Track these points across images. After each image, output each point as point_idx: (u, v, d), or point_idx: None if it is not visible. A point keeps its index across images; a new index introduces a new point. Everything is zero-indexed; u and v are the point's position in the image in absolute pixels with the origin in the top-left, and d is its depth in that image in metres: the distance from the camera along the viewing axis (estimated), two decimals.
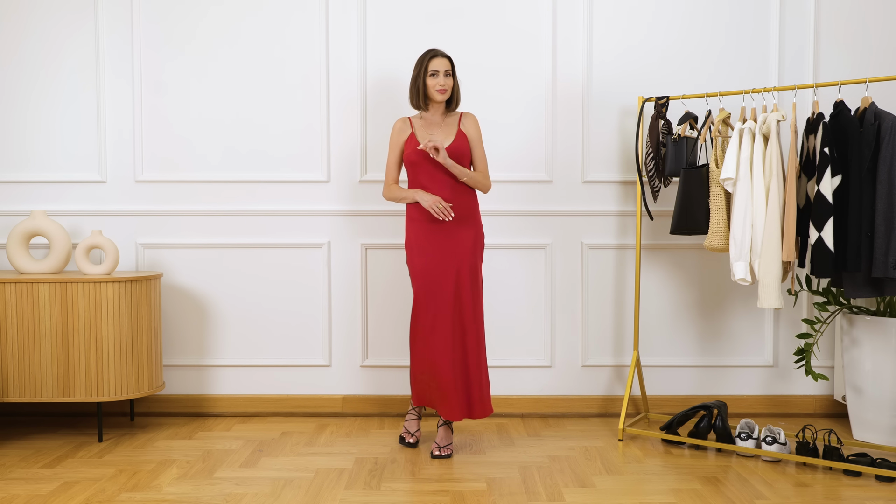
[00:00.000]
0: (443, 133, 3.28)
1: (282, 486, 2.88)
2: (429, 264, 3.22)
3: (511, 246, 3.86)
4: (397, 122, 3.33)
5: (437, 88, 3.21)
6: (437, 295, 3.21)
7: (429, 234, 3.23)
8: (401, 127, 3.31)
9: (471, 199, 3.29)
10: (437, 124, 3.30)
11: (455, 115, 3.34)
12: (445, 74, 3.22)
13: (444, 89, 3.22)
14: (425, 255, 3.23)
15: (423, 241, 3.23)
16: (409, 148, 3.27)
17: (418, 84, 3.24)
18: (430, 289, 3.21)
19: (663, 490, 2.85)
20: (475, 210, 3.30)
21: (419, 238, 3.24)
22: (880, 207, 2.98)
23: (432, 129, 3.29)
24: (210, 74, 3.84)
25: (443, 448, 3.24)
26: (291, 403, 3.89)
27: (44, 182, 3.85)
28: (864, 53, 3.79)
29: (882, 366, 3.32)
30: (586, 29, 3.82)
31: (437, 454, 3.22)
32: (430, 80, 3.22)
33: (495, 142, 3.83)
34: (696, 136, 3.41)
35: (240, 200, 3.86)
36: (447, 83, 3.22)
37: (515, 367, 3.89)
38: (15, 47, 3.83)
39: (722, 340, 3.88)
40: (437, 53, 3.23)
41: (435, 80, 3.21)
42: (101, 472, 3.06)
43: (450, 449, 3.25)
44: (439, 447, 3.25)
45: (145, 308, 3.54)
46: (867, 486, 2.88)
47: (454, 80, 3.26)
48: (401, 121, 3.33)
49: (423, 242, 3.24)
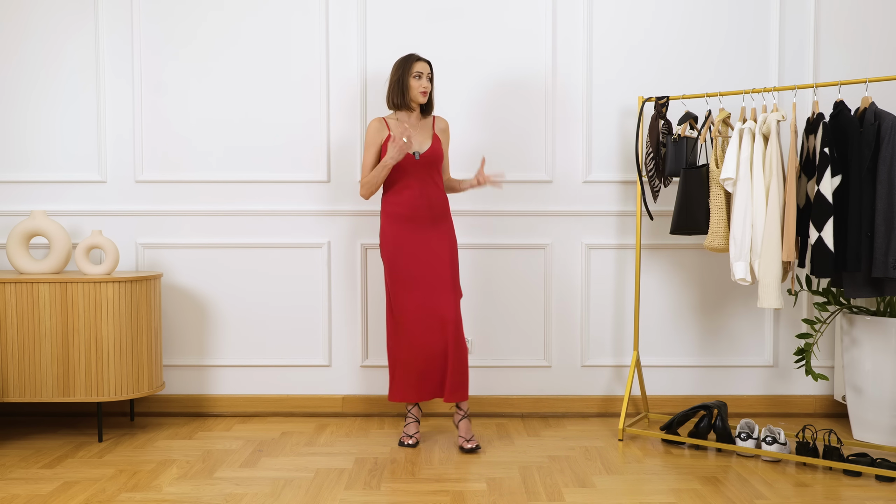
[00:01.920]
0: (420, 135, 3.37)
1: (282, 486, 2.88)
2: (407, 257, 3.31)
3: (511, 246, 3.86)
4: (373, 122, 3.37)
5: (421, 90, 3.31)
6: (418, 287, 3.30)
7: (406, 230, 3.33)
8: (378, 127, 3.36)
9: (444, 199, 3.41)
10: (413, 126, 3.38)
11: (428, 118, 3.43)
12: (428, 78, 3.33)
13: (427, 91, 3.33)
14: (403, 249, 3.32)
15: (400, 235, 3.33)
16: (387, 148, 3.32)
17: (402, 85, 3.32)
18: (411, 282, 3.31)
19: (663, 490, 2.85)
20: (448, 209, 3.43)
21: (395, 232, 3.34)
22: (880, 207, 2.98)
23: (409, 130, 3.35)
24: (210, 74, 3.84)
25: (469, 440, 3.32)
26: (291, 403, 3.89)
27: (44, 182, 3.86)
28: (864, 53, 3.79)
29: (882, 366, 3.32)
30: (586, 29, 3.82)
31: (468, 448, 3.29)
32: (413, 81, 3.31)
33: (495, 142, 3.83)
34: (696, 136, 3.41)
35: (240, 200, 3.86)
36: (429, 86, 3.33)
37: (515, 367, 3.89)
38: (15, 47, 3.83)
39: (722, 340, 3.88)
40: (420, 58, 3.34)
41: (419, 81, 3.31)
42: (101, 472, 3.06)
43: (476, 441, 3.33)
44: (466, 440, 3.32)
45: (145, 308, 3.54)
46: (867, 486, 2.88)
47: (432, 85, 3.37)
48: (377, 121, 3.38)
49: (399, 236, 3.33)
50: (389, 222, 3.36)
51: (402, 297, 3.33)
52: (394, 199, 3.35)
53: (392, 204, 3.36)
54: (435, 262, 3.32)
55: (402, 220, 3.34)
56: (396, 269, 3.34)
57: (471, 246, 3.85)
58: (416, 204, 3.32)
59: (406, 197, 3.33)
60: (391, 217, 3.36)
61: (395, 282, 3.35)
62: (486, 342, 3.86)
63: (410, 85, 3.31)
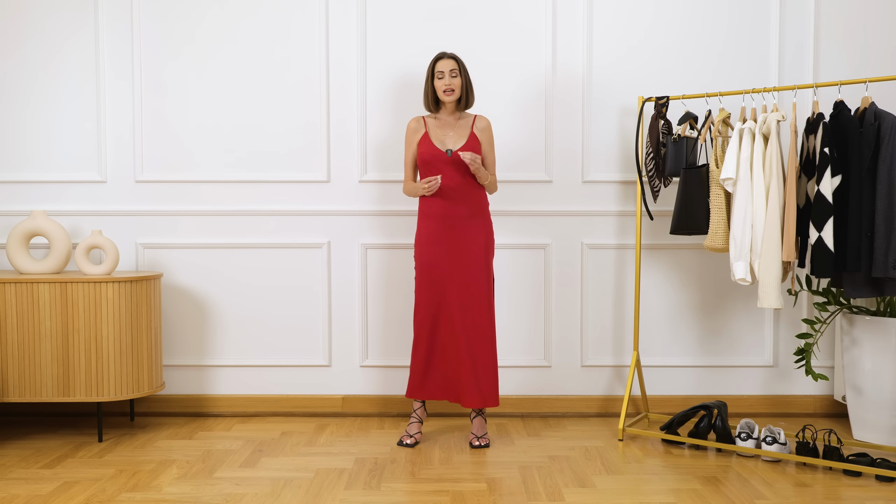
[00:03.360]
0: (456, 134, 3.35)
1: (282, 486, 2.88)
2: (437, 258, 3.31)
3: (511, 246, 3.86)
4: (411, 122, 3.40)
5: (443, 90, 3.30)
6: (447, 288, 3.30)
7: (440, 229, 3.32)
8: (415, 127, 3.39)
9: (481, 197, 3.38)
10: (451, 125, 3.37)
11: (469, 116, 3.41)
12: (451, 75, 3.30)
13: (451, 89, 3.30)
14: (434, 249, 3.31)
15: (434, 235, 3.32)
16: (421, 147, 3.34)
17: (428, 88, 3.34)
18: (440, 282, 3.30)
19: (663, 490, 2.85)
20: (485, 207, 3.40)
21: (430, 232, 3.33)
22: (880, 207, 2.98)
23: (445, 129, 3.37)
24: (210, 74, 3.84)
25: (480, 438, 3.35)
26: (291, 403, 3.89)
27: (44, 182, 3.85)
28: (863, 53, 3.79)
29: (882, 366, 3.32)
30: (586, 29, 3.82)
31: (477, 444, 3.33)
32: (437, 82, 3.32)
33: (495, 142, 3.82)
34: (696, 136, 3.41)
35: (240, 200, 3.86)
36: (454, 83, 3.30)
37: (515, 367, 3.89)
38: (15, 47, 3.83)
39: (722, 340, 3.88)
40: (443, 56, 3.32)
41: (441, 81, 3.30)
42: (101, 472, 3.06)
43: (487, 439, 3.36)
44: (477, 437, 3.35)
45: (145, 308, 3.54)
46: (867, 486, 2.88)
47: (462, 78, 3.33)
48: (415, 120, 3.40)
49: (433, 237, 3.32)
50: (423, 221, 3.36)
51: (431, 297, 3.32)
52: (427, 197, 3.35)
53: (426, 202, 3.36)
54: (468, 263, 3.30)
55: (434, 218, 3.32)
56: (425, 267, 3.34)
57: None
58: (450, 202, 3.31)
59: (439, 195, 3.32)
60: (424, 216, 3.36)
61: (423, 280, 3.34)
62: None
63: (435, 86, 3.32)
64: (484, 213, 3.38)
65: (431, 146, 3.32)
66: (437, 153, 3.30)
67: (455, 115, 3.38)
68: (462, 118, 3.39)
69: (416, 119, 3.40)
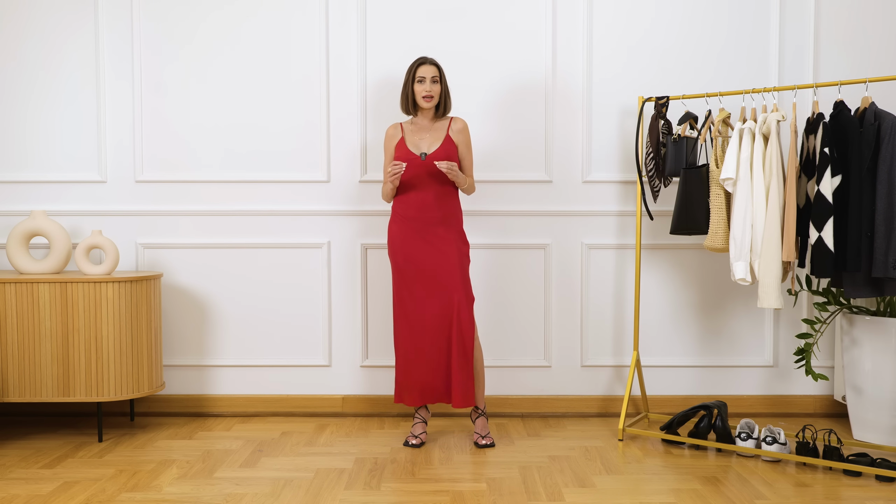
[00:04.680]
0: (431, 138, 3.37)
1: (282, 486, 2.88)
2: (411, 256, 3.32)
3: (511, 246, 3.86)
4: (389, 129, 3.44)
5: (423, 95, 3.32)
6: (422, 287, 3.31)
7: (412, 230, 3.34)
8: (392, 133, 3.42)
9: (454, 203, 3.40)
10: (427, 129, 3.39)
11: (445, 120, 3.42)
12: (432, 81, 3.32)
13: (430, 95, 3.32)
14: (407, 249, 3.33)
15: (407, 234, 3.34)
16: (397, 152, 3.37)
17: (407, 90, 3.35)
18: (416, 284, 3.32)
19: (663, 490, 2.85)
20: (458, 214, 3.42)
21: (403, 232, 3.35)
22: (880, 207, 2.98)
23: (421, 134, 3.39)
24: (210, 75, 3.84)
25: (485, 437, 3.36)
26: (291, 403, 3.89)
27: (44, 182, 3.85)
28: (863, 53, 3.79)
29: (882, 366, 3.32)
30: (586, 29, 3.82)
31: (483, 443, 3.34)
32: (417, 86, 3.33)
33: (495, 142, 3.83)
34: (696, 136, 3.41)
35: (240, 200, 3.86)
36: (434, 89, 3.32)
37: (515, 367, 3.89)
38: (15, 47, 3.83)
39: (722, 340, 3.88)
40: (425, 61, 3.34)
41: (421, 86, 3.31)
42: (101, 472, 3.06)
43: (491, 438, 3.38)
44: (481, 436, 3.37)
45: (145, 308, 3.54)
46: (867, 486, 2.88)
47: (442, 86, 3.36)
48: (392, 127, 3.43)
49: (406, 236, 3.34)
50: (396, 222, 3.38)
51: (407, 299, 3.34)
52: (401, 199, 3.37)
53: (399, 204, 3.38)
54: (442, 264, 3.31)
55: (407, 220, 3.35)
56: (401, 269, 3.36)
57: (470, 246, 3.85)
58: (423, 205, 3.32)
59: (413, 197, 3.34)
60: (397, 217, 3.38)
61: (400, 283, 3.36)
62: (485, 342, 3.86)
63: (415, 90, 3.33)
64: (456, 218, 3.39)
65: (406, 150, 3.33)
66: (411, 157, 3.31)
67: (432, 120, 3.40)
68: (438, 122, 3.40)
69: (394, 126, 3.42)
